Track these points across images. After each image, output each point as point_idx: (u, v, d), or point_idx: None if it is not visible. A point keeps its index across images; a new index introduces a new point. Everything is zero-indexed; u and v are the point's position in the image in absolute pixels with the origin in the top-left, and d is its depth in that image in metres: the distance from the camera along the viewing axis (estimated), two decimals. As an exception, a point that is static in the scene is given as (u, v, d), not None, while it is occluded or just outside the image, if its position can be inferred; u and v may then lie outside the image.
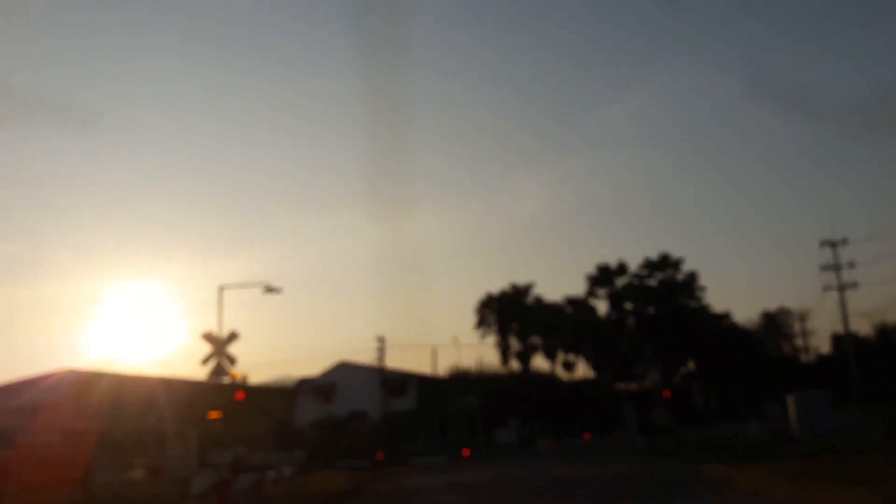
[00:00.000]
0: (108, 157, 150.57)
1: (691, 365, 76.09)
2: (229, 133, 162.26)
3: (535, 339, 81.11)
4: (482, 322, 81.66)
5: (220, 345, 21.47)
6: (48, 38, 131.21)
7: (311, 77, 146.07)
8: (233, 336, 21.64)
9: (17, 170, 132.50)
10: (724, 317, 77.19)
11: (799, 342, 71.56)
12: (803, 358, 69.67)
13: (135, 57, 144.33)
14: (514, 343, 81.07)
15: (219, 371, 21.54)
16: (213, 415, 24.40)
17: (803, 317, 66.63)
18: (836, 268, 54.18)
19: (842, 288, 53.98)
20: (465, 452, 48.41)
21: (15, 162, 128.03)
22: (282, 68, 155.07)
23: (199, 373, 22.61)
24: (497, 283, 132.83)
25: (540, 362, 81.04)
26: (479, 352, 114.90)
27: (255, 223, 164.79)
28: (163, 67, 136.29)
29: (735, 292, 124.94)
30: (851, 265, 54.07)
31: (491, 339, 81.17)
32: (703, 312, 75.83)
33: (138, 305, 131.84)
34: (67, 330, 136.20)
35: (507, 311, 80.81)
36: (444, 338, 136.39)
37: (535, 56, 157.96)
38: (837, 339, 64.79)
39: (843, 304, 54.09)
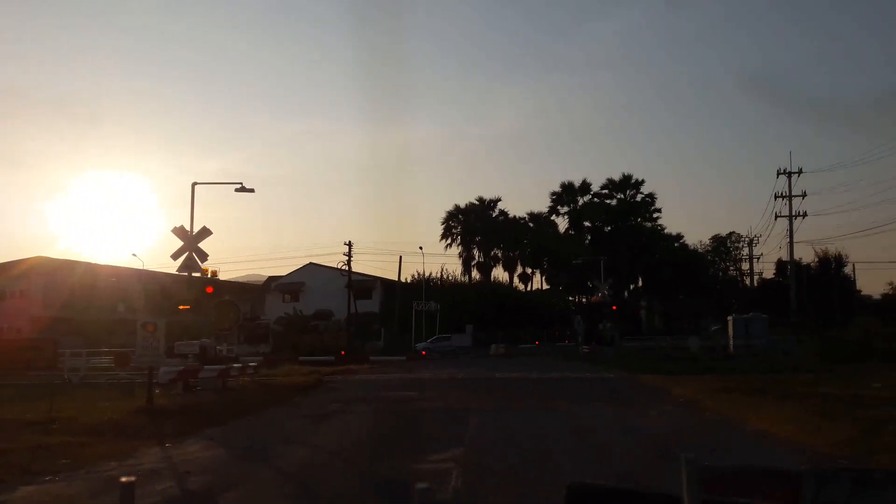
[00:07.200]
0: (88, 42, 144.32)
1: (640, 282, 79.14)
2: (210, 30, 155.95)
3: (497, 252, 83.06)
4: (448, 233, 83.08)
5: (190, 240, 21.75)
6: None
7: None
8: (204, 232, 21.89)
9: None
10: (676, 238, 79.82)
11: (745, 266, 74.53)
12: (748, 282, 72.75)
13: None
14: (477, 254, 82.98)
15: (189, 265, 21.93)
16: (183, 307, 25.19)
17: (752, 242, 69.25)
18: (788, 197, 56.36)
19: (792, 216, 56.37)
20: (423, 353, 50.76)
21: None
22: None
23: (171, 267, 23.18)
24: (466, 196, 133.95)
25: (500, 273, 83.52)
26: (443, 261, 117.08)
27: (231, 123, 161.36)
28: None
29: (693, 216, 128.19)
30: (803, 195, 56.34)
31: (455, 250, 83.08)
32: (656, 233, 78.20)
33: (113, 197, 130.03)
34: (40, 218, 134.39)
35: (473, 224, 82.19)
36: (410, 246, 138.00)
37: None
38: (782, 265, 67.89)
39: (791, 232, 56.63)
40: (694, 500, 2.66)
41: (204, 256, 21.81)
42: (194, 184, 24.15)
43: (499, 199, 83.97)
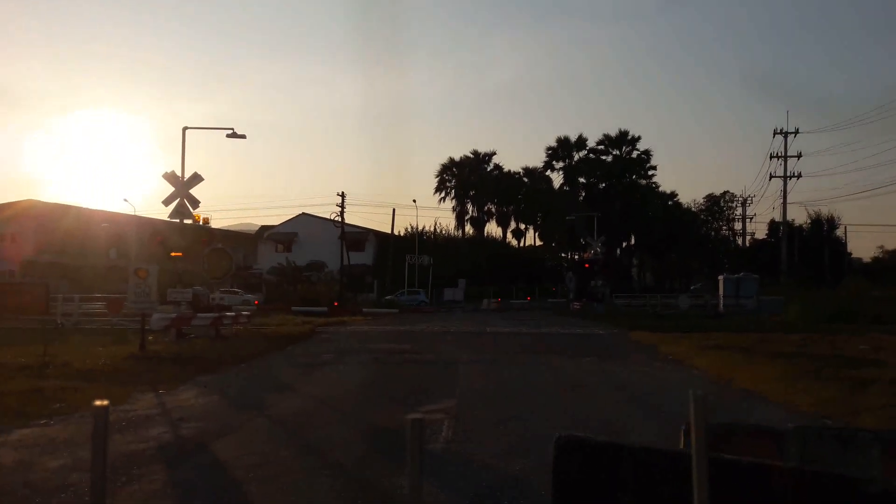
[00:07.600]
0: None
1: (633, 239, 79.26)
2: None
3: (491, 207, 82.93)
4: (442, 186, 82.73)
5: (182, 186, 21.53)
6: None
7: None
8: (195, 178, 21.65)
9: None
10: (670, 196, 79.63)
11: (738, 226, 74.69)
12: (741, 241, 73.02)
13: None
14: (471, 209, 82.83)
15: (181, 212, 21.77)
16: (174, 254, 25.10)
17: (745, 202, 69.32)
18: (783, 157, 56.20)
19: (786, 177, 56.29)
20: (417, 307, 51.11)
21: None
22: None
23: (163, 213, 23.03)
24: (461, 148, 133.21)
25: (493, 228, 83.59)
26: (436, 215, 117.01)
27: (223, 66, 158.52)
28: None
29: (688, 175, 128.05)
30: (798, 155, 56.16)
31: (449, 204, 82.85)
32: (651, 191, 77.95)
33: (102, 140, 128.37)
34: (28, 160, 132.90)
35: (467, 178, 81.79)
36: (404, 199, 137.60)
37: None
38: (774, 226, 68.09)
39: (784, 193, 56.65)
40: (700, 432, 2.67)
41: (196, 203, 21.66)
42: (185, 128, 23.85)
43: (494, 153, 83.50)
